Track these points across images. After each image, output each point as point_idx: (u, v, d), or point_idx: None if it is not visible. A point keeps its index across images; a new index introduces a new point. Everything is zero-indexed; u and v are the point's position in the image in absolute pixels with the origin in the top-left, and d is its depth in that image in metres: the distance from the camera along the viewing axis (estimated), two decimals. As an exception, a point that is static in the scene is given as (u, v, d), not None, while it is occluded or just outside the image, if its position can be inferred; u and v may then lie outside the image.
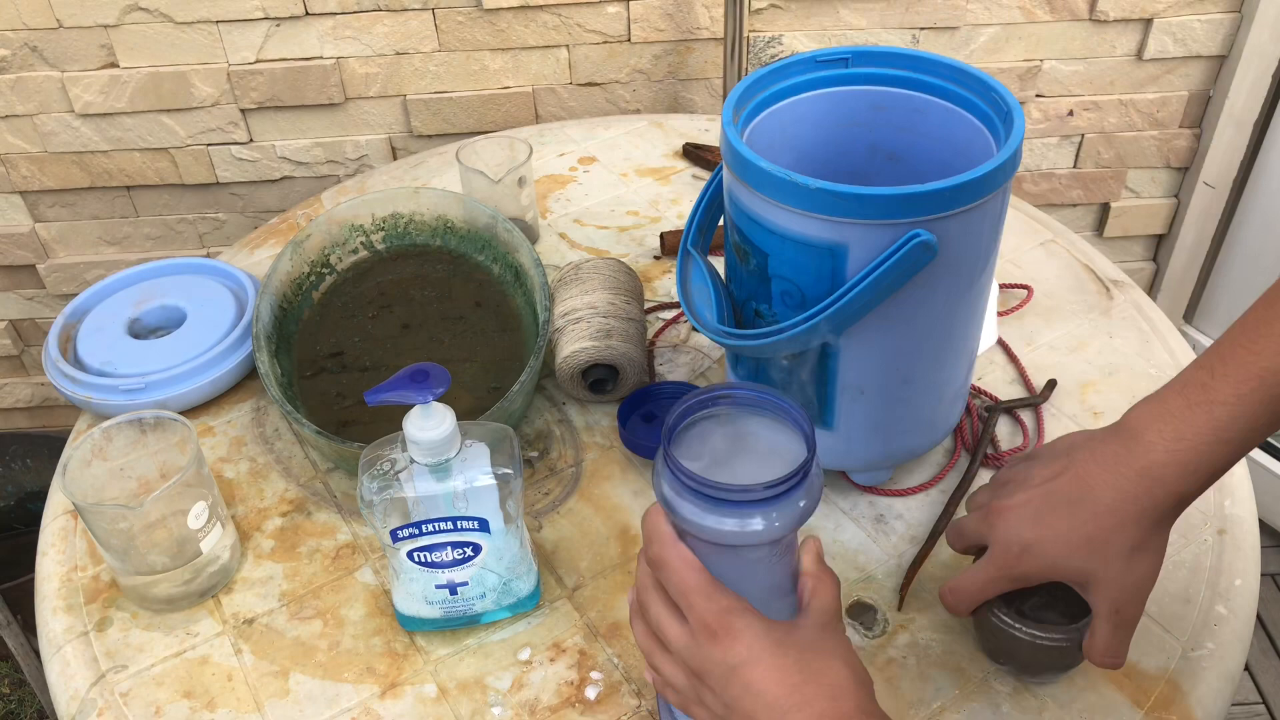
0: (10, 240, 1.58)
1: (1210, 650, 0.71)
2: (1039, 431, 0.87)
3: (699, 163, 1.23)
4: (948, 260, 0.65)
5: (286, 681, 0.72)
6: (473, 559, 0.69)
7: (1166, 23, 1.45)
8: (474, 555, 0.69)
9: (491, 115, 1.49)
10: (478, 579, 0.70)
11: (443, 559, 0.69)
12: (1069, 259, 1.06)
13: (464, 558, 0.69)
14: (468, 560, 0.69)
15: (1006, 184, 0.67)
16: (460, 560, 0.69)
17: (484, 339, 0.93)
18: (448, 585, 0.70)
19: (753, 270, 0.70)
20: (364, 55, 1.42)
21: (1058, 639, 0.65)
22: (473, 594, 0.71)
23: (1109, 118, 1.54)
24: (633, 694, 0.69)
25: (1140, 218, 1.66)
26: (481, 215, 0.97)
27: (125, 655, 0.74)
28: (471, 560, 0.69)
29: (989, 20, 1.44)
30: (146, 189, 1.54)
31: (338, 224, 0.98)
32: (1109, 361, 0.94)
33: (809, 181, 0.63)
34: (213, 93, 1.44)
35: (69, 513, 0.84)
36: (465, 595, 0.71)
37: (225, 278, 1.01)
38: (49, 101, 1.43)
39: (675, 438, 0.53)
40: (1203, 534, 0.78)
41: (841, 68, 0.76)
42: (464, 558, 0.69)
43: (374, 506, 0.65)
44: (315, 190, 1.53)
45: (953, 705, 0.68)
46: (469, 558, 0.69)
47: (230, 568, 0.78)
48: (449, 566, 0.69)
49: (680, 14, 1.41)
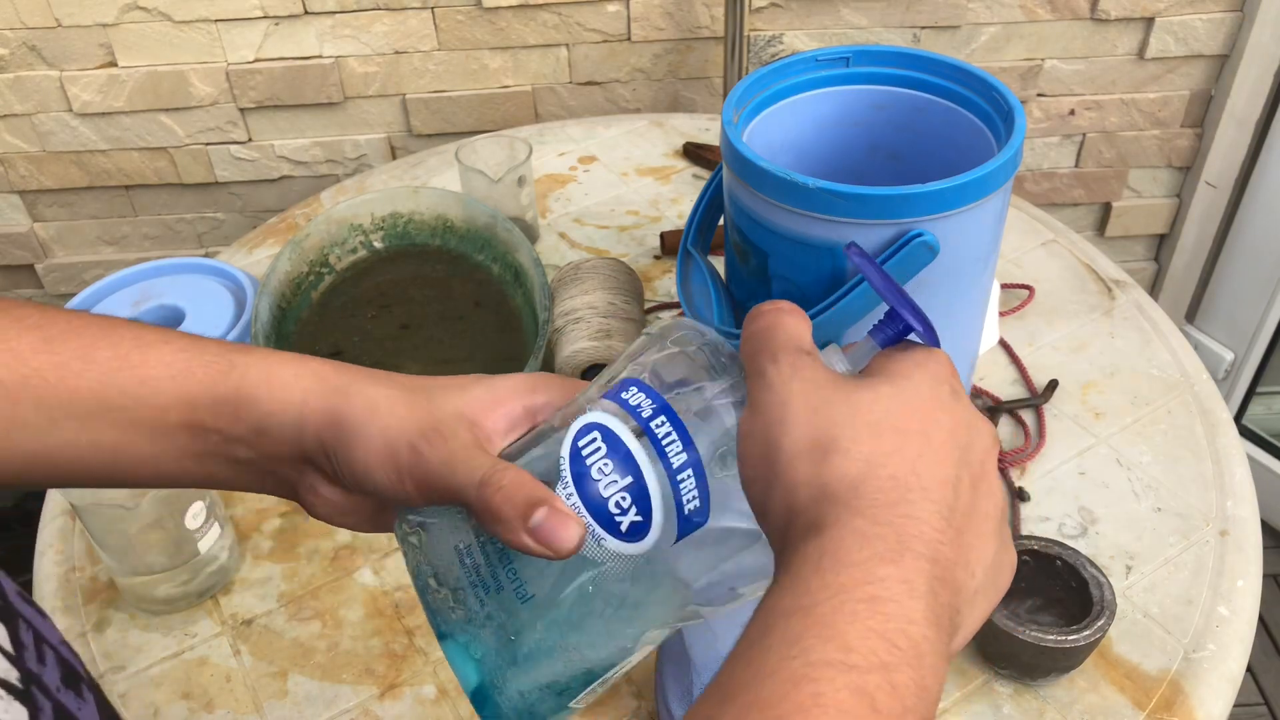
0: (8, 240, 1.58)
1: (1212, 651, 0.70)
2: (1040, 432, 0.87)
3: (699, 162, 1.23)
4: (948, 260, 0.64)
5: (285, 682, 0.71)
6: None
7: (1168, 22, 1.44)
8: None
9: (491, 114, 1.48)
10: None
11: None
12: (1070, 259, 1.06)
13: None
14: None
15: (1007, 183, 0.66)
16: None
17: (483, 339, 0.93)
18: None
19: (753, 270, 0.70)
20: (363, 54, 1.42)
21: (1059, 641, 0.65)
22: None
23: (1110, 117, 1.54)
24: (633, 695, 0.69)
25: (1142, 217, 1.66)
26: (481, 215, 0.97)
27: (123, 656, 0.74)
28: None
29: (990, 19, 1.43)
30: (145, 189, 1.54)
31: (337, 223, 0.97)
32: (1110, 362, 0.93)
33: (809, 181, 0.62)
34: (211, 92, 1.43)
35: (67, 513, 0.84)
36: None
37: (224, 277, 1.01)
38: (47, 101, 1.43)
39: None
40: (1205, 535, 0.78)
41: (842, 67, 0.76)
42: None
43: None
44: (314, 190, 1.52)
45: (955, 707, 0.68)
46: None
47: (228, 568, 0.78)
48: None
49: (680, 13, 1.41)
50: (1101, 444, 0.86)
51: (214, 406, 0.42)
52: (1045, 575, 0.71)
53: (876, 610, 0.32)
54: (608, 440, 0.38)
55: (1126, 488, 0.82)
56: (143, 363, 0.42)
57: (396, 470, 0.40)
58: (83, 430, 0.42)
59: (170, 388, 0.42)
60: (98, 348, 0.42)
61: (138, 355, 0.42)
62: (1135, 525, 0.79)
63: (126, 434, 0.42)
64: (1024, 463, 0.84)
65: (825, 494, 0.34)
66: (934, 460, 0.35)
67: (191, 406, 0.42)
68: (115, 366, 0.42)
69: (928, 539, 0.33)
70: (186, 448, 0.43)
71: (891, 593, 0.32)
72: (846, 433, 0.35)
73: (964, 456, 0.36)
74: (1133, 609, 0.73)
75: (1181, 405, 0.89)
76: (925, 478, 0.35)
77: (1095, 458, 0.85)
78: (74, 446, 0.42)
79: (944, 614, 0.33)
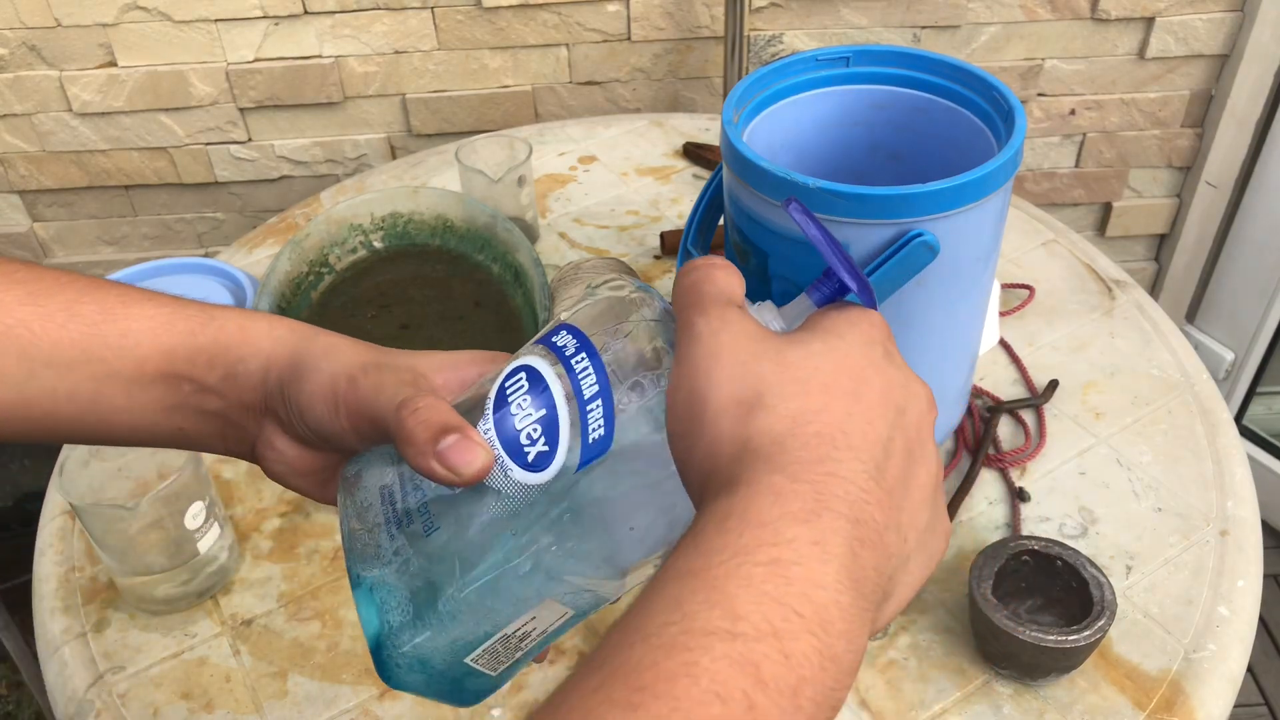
0: (8, 240, 1.57)
1: (1212, 652, 0.70)
2: (1041, 432, 0.87)
3: (699, 162, 1.23)
4: (949, 260, 0.64)
5: (285, 683, 0.71)
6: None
7: (1168, 21, 1.44)
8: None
9: (491, 114, 1.48)
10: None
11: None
12: (1071, 259, 1.06)
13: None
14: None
15: (1008, 183, 0.66)
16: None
17: (483, 339, 0.93)
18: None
19: (753, 270, 0.70)
20: (363, 54, 1.42)
21: (1059, 641, 0.65)
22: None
23: (1111, 117, 1.54)
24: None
25: (1142, 217, 1.66)
26: (481, 215, 0.97)
27: (123, 656, 0.74)
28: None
29: (990, 19, 1.43)
30: (145, 188, 1.54)
31: (336, 223, 0.97)
32: (1111, 362, 0.93)
33: (809, 181, 0.62)
34: (211, 92, 1.43)
35: (66, 513, 0.84)
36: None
37: (224, 277, 1.01)
38: (47, 101, 1.43)
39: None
40: (1205, 535, 0.78)
41: (842, 67, 0.76)
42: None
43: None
44: (314, 190, 1.52)
45: (955, 707, 0.68)
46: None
47: (228, 568, 0.78)
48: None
49: (680, 12, 1.41)
50: (1102, 444, 0.86)
51: (191, 355, 0.43)
52: (1045, 575, 0.71)
53: (777, 573, 0.30)
54: (530, 378, 0.39)
55: (1127, 488, 0.82)
56: (126, 315, 0.43)
57: (335, 401, 0.41)
58: (61, 381, 0.42)
59: (150, 339, 0.43)
60: (82, 302, 0.43)
61: (121, 309, 0.43)
62: (1135, 525, 0.79)
63: (103, 385, 0.43)
64: (1024, 463, 0.84)
65: (747, 449, 0.33)
66: (864, 419, 0.34)
67: (169, 356, 0.43)
68: (99, 319, 0.43)
69: (852, 499, 0.32)
70: (160, 399, 0.44)
71: (798, 555, 0.30)
72: (774, 388, 0.34)
73: (898, 420, 0.35)
74: (1133, 609, 0.73)
75: (1182, 405, 0.89)
76: (854, 436, 0.33)
77: (1095, 458, 0.85)
78: (51, 398, 0.43)
79: (867, 578, 0.31)
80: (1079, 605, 0.68)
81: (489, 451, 0.37)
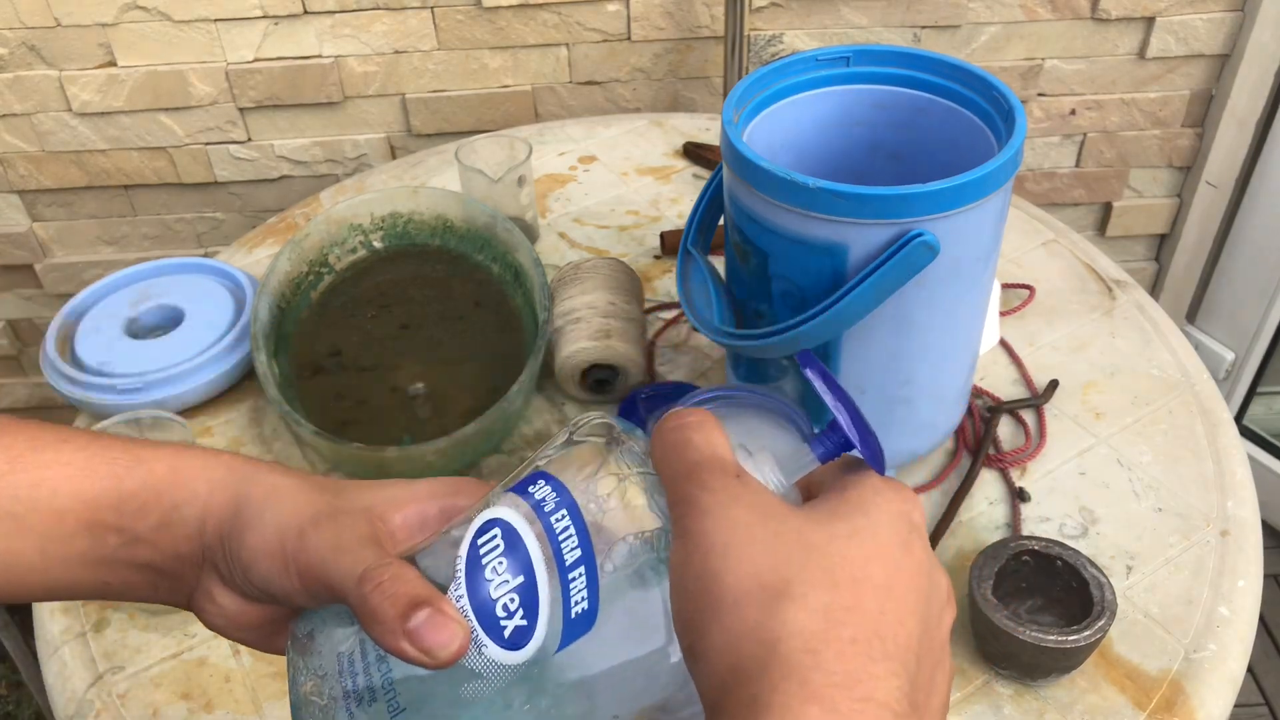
0: (8, 240, 1.57)
1: (1213, 652, 0.70)
2: (1041, 432, 0.87)
3: (699, 162, 1.22)
4: (949, 260, 0.64)
5: (284, 683, 0.71)
6: None
7: (1169, 21, 1.44)
8: None
9: (491, 114, 1.48)
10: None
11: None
12: (1071, 259, 1.06)
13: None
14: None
15: (1008, 183, 0.66)
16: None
17: (483, 339, 0.93)
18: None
19: (753, 270, 0.70)
20: (363, 54, 1.42)
21: (1060, 641, 0.65)
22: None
23: (1111, 117, 1.54)
24: None
25: (1142, 217, 1.66)
26: (481, 215, 0.97)
27: (123, 656, 0.74)
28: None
29: (990, 19, 1.43)
30: (144, 188, 1.54)
31: (336, 223, 0.97)
32: (1111, 362, 0.93)
33: (809, 181, 0.62)
34: (211, 92, 1.43)
35: (66, 513, 0.84)
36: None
37: (223, 277, 1.01)
38: (47, 100, 1.43)
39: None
40: (1205, 535, 0.78)
41: (842, 66, 0.76)
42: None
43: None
44: (314, 189, 1.52)
45: (955, 708, 0.68)
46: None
47: (228, 569, 0.78)
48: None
49: (680, 12, 1.41)
50: (1102, 444, 0.86)
51: (118, 504, 0.39)
52: (1045, 575, 0.71)
53: None
54: (506, 537, 0.35)
55: (1127, 488, 0.82)
56: (37, 463, 0.39)
57: (283, 558, 0.37)
58: None
59: (68, 488, 0.39)
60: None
61: (31, 456, 0.39)
62: (1136, 525, 0.79)
63: (13, 543, 0.39)
64: (1024, 463, 0.84)
65: (776, 654, 0.30)
66: (896, 618, 0.31)
67: (91, 506, 0.39)
68: (4, 469, 0.38)
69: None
70: (83, 554, 0.39)
71: None
72: (800, 575, 0.31)
73: (926, 611, 0.33)
74: (1133, 609, 0.73)
75: (1182, 405, 0.89)
76: (889, 642, 0.31)
77: (1096, 458, 0.85)
78: None
79: None
80: (1079, 605, 0.68)
81: (465, 628, 0.33)
